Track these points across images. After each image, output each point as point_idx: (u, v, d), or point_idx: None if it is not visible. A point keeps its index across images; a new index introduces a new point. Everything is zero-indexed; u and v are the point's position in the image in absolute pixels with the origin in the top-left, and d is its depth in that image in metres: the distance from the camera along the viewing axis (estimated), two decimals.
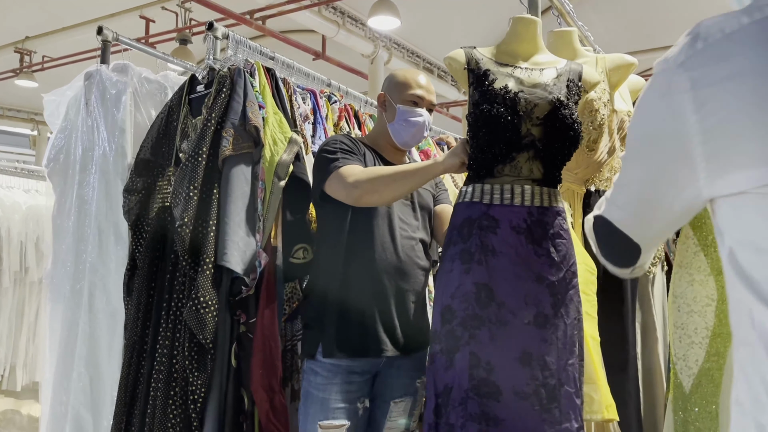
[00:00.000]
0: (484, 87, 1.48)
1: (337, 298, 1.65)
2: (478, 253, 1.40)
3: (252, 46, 2.12)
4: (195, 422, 1.75)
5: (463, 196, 1.49)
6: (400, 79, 1.82)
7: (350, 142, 1.72)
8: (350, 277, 1.66)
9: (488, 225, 1.41)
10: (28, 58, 7.08)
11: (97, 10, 5.68)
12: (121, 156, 2.20)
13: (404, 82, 1.80)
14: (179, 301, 1.85)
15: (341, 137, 1.76)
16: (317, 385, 1.63)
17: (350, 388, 1.63)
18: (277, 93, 2.08)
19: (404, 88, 1.79)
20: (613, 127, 1.83)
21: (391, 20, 5.38)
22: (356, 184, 1.56)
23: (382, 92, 1.85)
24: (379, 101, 1.85)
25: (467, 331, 1.38)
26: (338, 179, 1.60)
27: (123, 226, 2.13)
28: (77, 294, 2.22)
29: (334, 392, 1.61)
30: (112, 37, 2.39)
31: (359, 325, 1.63)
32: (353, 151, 1.69)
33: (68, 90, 2.41)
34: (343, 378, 1.62)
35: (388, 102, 1.81)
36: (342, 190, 1.59)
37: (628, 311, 1.79)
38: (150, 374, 1.87)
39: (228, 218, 1.78)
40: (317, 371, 1.63)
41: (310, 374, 1.65)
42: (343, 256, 1.67)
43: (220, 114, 1.88)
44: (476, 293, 1.39)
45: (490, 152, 1.43)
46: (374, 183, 1.56)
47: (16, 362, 4.58)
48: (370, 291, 1.65)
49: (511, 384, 1.35)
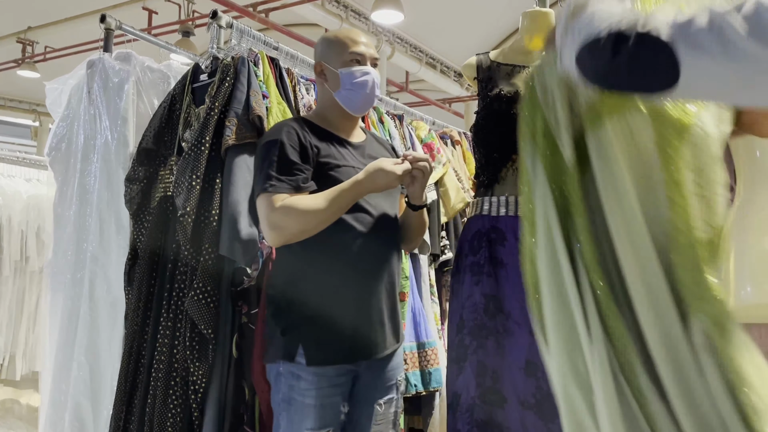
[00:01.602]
0: (485, 94, 1.51)
1: (316, 300, 1.53)
2: (487, 265, 1.44)
3: (256, 36, 2.11)
4: (195, 412, 1.74)
5: (474, 208, 1.52)
6: (334, 41, 1.66)
7: (296, 138, 1.55)
8: (328, 278, 1.55)
9: (496, 237, 1.44)
10: (31, 48, 7.06)
11: (99, 1, 5.66)
12: (123, 145, 2.19)
13: (340, 42, 1.64)
14: (180, 291, 1.84)
15: (287, 129, 1.56)
16: (301, 390, 1.51)
17: (335, 391, 1.53)
18: (280, 83, 2.07)
19: (341, 48, 1.63)
20: None
21: (395, 14, 5.36)
22: (276, 225, 1.47)
23: (316, 62, 1.68)
24: (317, 72, 1.68)
25: (475, 340, 1.42)
26: (263, 208, 1.50)
27: (124, 215, 2.12)
28: (78, 283, 2.22)
29: (321, 397, 1.51)
30: (115, 26, 2.38)
31: (345, 330, 1.52)
32: (292, 158, 1.51)
33: (71, 78, 2.40)
34: (328, 381, 1.52)
35: (327, 70, 1.65)
36: (264, 224, 1.50)
37: None
38: (150, 364, 1.86)
39: (230, 208, 1.77)
40: (300, 375, 1.51)
41: (292, 379, 1.52)
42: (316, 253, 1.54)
43: (223, 103, 1.87)
44: (485, 304, 1.42)
45: (491, 158, 1.45)
46: (296, 224, 1.46)
47: (15, 352, 4.58)
48: (351, 292, 1.54)
49: (516, 393, 1.36)
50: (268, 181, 1.50)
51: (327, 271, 1.55)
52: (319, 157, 1.57)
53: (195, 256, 1.79)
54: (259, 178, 1.53)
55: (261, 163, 1.55)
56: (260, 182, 1.52)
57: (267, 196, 1.49)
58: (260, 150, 1.58)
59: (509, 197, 1.43)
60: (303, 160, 1.54)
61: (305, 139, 1.56)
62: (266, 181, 1.50)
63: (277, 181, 1.50)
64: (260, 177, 1.53)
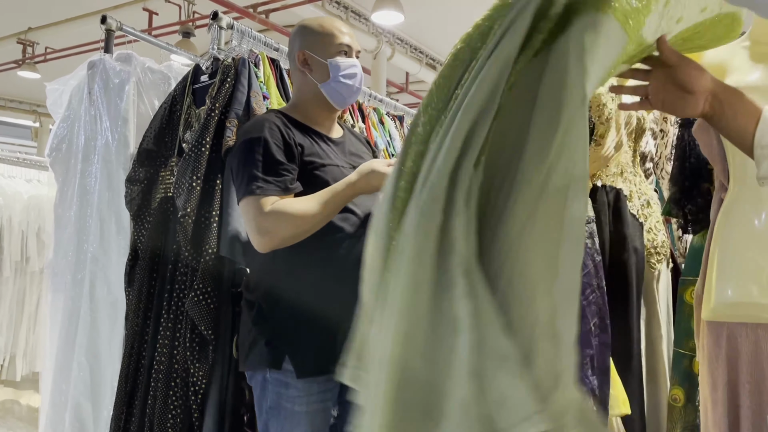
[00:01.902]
0: None
1: (304, 306, 1.47)
2: None
3: (256, 37, 2.10)
4: (195, 413, 1.74)
5: None
6: (320, 30, 1.58)
7: (279, 135, 1.49)
8: (316, 281, 1.49)
9: None
10: (31, 49, 7.05)
11: (100, 2, 5.66)
12: (123, 146, 2.19)
13: (327, 33, 1.57)
14: (181, 292, 1.84)
15: (268, 126, 1.49)
16: (291, 398, 1.47)
17: (325, 396, 1.50)
18: (281, 84, 2.07)
19: (329, 39, 1.56)
20: (621, 122, 1.82)
21: (395, 15, 5.35)
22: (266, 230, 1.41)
23: (299, 50, 1.60)
24: (300, 61, 1.59)
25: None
26: (250, 212, 1.43)
27: (125, 216, 2.12)
28: (78, 284, 2.22)
29: (312, 403, 1.47)
30: (116, 27, 2.38)
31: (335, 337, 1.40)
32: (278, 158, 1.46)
33: (71, 79, 2.40)
34: (318, 388, 1.48)
35: (312, 60, 1.57)
36: (252, 229, 1.43)
37: (633, 307, 1.78)
38: (151, 365, 1.86)
39: (231, 209, 1.77)
40: (289, 383, 1.46)
41: (280, 386, 1.47)
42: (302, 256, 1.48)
43: (224, 104, 1.87)
44: None
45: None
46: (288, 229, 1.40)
47: (16, 352, 4.57)
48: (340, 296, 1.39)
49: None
50: (254, 183, 1.42)
51: (314, 275, 1.50)
52: (303, 156, 1.51)
53: (195, 257, 1.79)
54: (243, 179, 1.45)
55: (243, 161, 1.46)
56: (245, 183, 1.44)
57: (254, 200, 1.42)
58: (241, 148, 1.50)
59: None
60: (288, 159, 1.47)
61: (289, 136, 1.49)
62: (252, 182, 1.43)
63: (263, 182, 1.42)
64: (244, 178, 1.44)
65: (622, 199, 1.83)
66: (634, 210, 1.87)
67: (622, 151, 1.88)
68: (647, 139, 2.11)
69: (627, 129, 1.88)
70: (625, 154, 1.92)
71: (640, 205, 1.90)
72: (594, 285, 1.41)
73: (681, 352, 1.79)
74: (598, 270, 1.42)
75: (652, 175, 2.21)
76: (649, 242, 1.92)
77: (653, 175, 2.23)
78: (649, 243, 1.93)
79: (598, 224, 1.49)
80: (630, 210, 1.85)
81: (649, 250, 1.93)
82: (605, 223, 1.76)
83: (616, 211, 1.81)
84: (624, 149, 1.89)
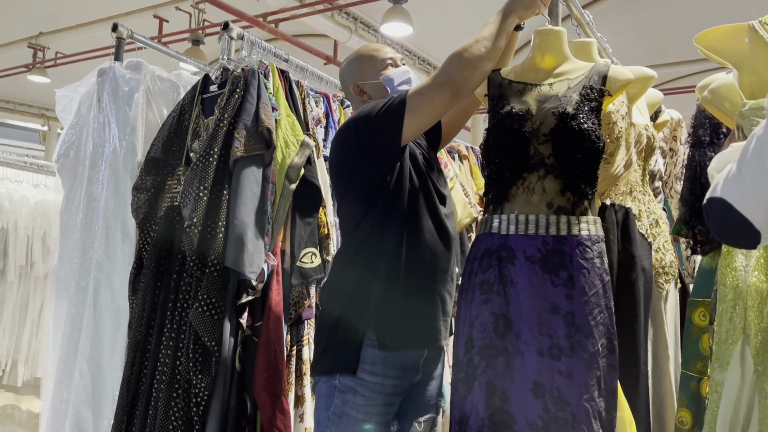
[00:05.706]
0: (494, 112, 1.50)
1: (388, 294, 1.49)
2: (496, 284, 1.42)
3: (266, 48, 2.11)
4: (197, 425, 1.72)
5: (483, 226, 1.51)
6: (360, 59, 1.70)
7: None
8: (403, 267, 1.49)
9: (506, 256, 1.42)
10: (41, 53, 7.10)
11: (111, 8, 5.70)
12: (131, 154, 2.19)
13: (368, 56, 1.68)
14: (185, 302, 1.83)
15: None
16: (357, 405, 1.47)
17: (389, 410, 1.50)
18: (290, 95, 2.07)
19: (374, 60, 1.67)
20: (631, 140, 1.81)
21: (404, 27, 5.37)
22: (447, 75, 1.41)
23: (352, 85, 1.69)
24: (356, 93, 1.69)
25: (484, 360, 1.40)
26: (421, 94, 1.44)
27: (131, 224, 2.12)
28: (82, 291, 2.21)
29: (375, 414, 1.47)
30: (127, 35, 2.39)
31: (416, 316, 1.50)
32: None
33: (81, 86, 2.40)
34: (384, 399, 1.49)
35: (367, 86, 1.67)
36: (437, 95, 1.43)
37: (641, 327, 1.76)
38: (153, 374, 1.85)
39: (237, 220, 1.77)
40: (357, 390, 1.47)
41: (348, 393, 1.47)
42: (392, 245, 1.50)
43: (233, 114, 1.87)
44: (494, 323, 1.40)
45: (501, 175, 1.45)
46: (464, 65, 1.42)
47: (18, 357, 4.57)
48: (425, 279, 1.52)
49: (524, 414, 1.35)
50: (394, 99, 1.46)
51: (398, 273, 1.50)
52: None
53: (200, 267, 1.78)
54: (390, 113, 1.46)
55: (373, 113, 1.49)
56: (390, 110, 1.46)
57: (412, 91, 1.45)
58: (359, 118, 1.53)
59: (519, 215, 1.42)
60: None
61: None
62: (390, 102, 1.46)
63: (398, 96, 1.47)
64: (389, 113, 1.46)
65: (631, 218, 1.82)
66: (643, 229, 1.85)
67: (631, 170, 1.86)
68: (656, 157, 2.09)
69: (637, 147, 1.87)
70: (634, 172, 1.91)
71: (648, 224, 1.89)
72: (602, 305, 1.39)
73: (688, 374, 1.77)
74: (607, 290, 1.41)
75: (660, 194, 2.20)
76: (657, 262, 1.91)
77: (662, 193, 2.21)
78: (658, 263, 1.91)
79: (606, 243, 1.48)
80: (639, 229, 1.83)
81: (658, 270, 1.92)
82: (614, 242, 1.75)
83: (625, 230, 1.80)
84: (633, 168, 1.88)
